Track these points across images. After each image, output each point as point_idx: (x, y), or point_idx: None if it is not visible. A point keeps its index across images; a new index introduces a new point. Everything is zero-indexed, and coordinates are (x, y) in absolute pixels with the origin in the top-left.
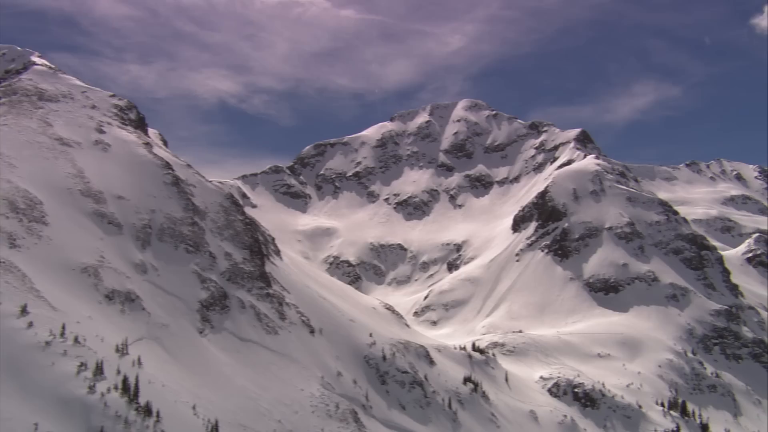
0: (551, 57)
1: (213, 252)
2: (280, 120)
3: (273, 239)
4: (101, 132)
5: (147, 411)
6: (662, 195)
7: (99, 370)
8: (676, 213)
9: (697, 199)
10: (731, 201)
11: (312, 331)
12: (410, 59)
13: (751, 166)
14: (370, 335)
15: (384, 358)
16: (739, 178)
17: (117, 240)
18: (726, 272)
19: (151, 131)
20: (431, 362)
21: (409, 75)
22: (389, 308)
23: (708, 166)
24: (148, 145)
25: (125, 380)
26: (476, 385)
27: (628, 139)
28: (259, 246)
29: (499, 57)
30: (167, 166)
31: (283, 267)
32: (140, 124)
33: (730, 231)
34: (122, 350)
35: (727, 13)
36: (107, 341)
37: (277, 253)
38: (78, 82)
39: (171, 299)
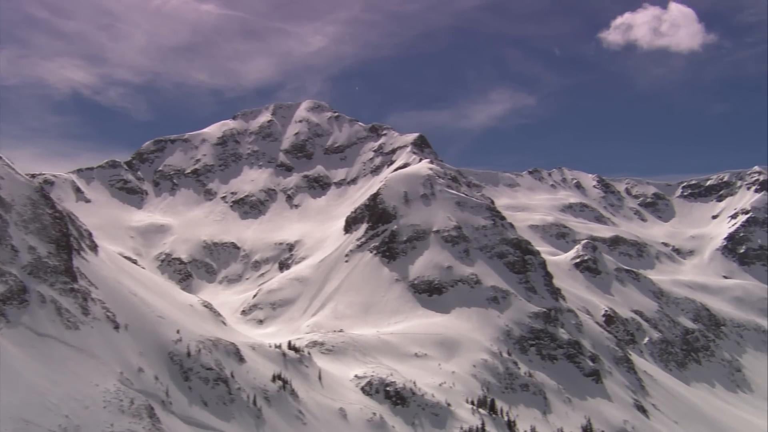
0: (411, 61)
1: (15, 245)
2: (136, 114)
3: (89, 234)
4: None
5: None
6: (504, 201)
7: None
8: (503, 218)
9: (537, 205)
10: (569, 208)
11: (116, 327)
12: (270, 58)
13: (590, 175)
14: (178, 332)
15: (189, 354)
16: (578, 186)
17: None
18: (548, 276)
19: None
20: (241, 360)
21: (269, 73)
22: (207, 306)
23: (550, 174)
24: None
25: None
26: (285, 382)
27: (485, 145)
28: (67, 240)
29: (360, 59)
30: None
31: (95, 262)
32: None
33: (564, 237)
34: None
35: (578, 27)
36: None
37: (93, 248)
38: None
39: None
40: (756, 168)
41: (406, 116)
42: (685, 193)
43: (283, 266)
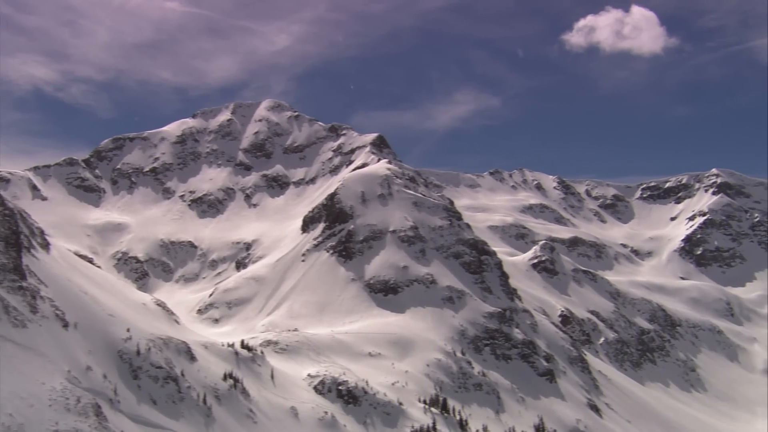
0: (376, 62)
1: None
2: (99, 111)
3: (41, 232)
4: None
5: None
6: (465, 201)
7: None
8: (460, 219)
9: (497, 206)
10: (529, 209)
11: (65, 325)
12: (235, 56)
13: (550, 176)
14: (128, 330)
15: (138, 353)
16: (539, 187)
17: None
18: (504, 276)
19: None
20: (192, 358)
21: (234, 72)
22: (160, 304)
23: (510, 175)
24: None
25: None
26: (236, 381)
27: (449, 145)
28: (17, 238)
29: (325, 59)
30: None
31: (46, 260)
32: None
33: (523, 238)
34: None
35: (541, 29)
36: None
37: (44, 246)
38: None
39: None
40: (714, 171)
41: (370, 116)
42: (645, 195)
43: (240, 265)
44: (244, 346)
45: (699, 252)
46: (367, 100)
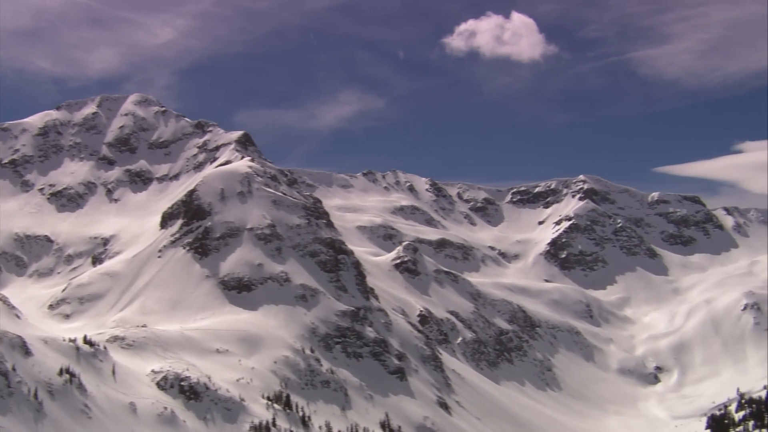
0: (261, 59)
1: None
2: None
3: None
4: None
5: None
6: (337, 202)
7: None
8: (318, 217)
9: (368, 207)
10: (401, 210)
11: None
12: (117, 48)
13: (423, 178)
14: None
15: None
16: (411, 189)
17: None
18: (361, 276)
19: None
20: (27, 353)
21: (115, 64)
22: (1, 299)
23: (384, 176)
24: None
25: None
26: (73, 376)
27: (332, 145)
28: None
29: (209, 54)
30: None
31: None
32: None
33: (391, 238)
34: None
35: (424, 31)
36: None
37: None
38: None
39: None
40: (581, 177)
41: (254, 114)
42: (515, 199)
43: (97, 261)
44: (86, 341)
45: (563, 255)
46: (251, 98)
